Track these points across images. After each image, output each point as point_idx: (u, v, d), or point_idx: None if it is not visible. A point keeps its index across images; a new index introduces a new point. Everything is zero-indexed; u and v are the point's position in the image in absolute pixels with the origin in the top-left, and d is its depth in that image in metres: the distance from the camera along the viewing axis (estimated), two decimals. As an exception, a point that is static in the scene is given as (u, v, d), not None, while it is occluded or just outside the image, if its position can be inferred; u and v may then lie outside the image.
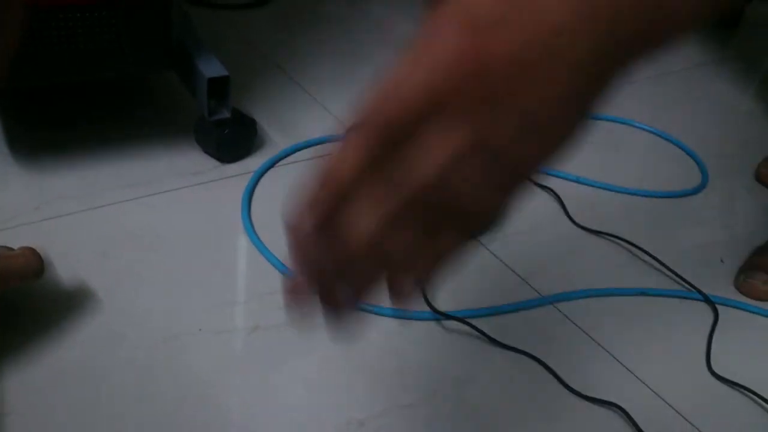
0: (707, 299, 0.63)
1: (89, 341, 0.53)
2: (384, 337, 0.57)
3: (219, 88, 0.71)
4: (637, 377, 0.56)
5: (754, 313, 0.64)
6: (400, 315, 0.59)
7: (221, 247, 0.64)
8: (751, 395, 0.55)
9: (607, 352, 0.58)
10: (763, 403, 0.55)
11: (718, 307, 0.63)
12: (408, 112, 0.26)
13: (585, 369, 0.56)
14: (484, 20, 0.25)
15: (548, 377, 0.55)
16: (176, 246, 0.63)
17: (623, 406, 0.52)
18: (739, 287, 0.66)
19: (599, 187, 0.77)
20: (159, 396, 0.50)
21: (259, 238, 0.64)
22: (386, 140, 0.26)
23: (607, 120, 0.91)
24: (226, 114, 0.72)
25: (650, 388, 0.55)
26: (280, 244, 0.64)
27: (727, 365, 0.57)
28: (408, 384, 0.53)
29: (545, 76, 0.26)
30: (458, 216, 0.28)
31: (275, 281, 0.61)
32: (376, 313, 0.58)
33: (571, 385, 0.54)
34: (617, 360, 0.57)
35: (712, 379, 0.56)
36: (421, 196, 0.27)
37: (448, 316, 0.58)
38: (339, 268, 0.29)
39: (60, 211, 0.64)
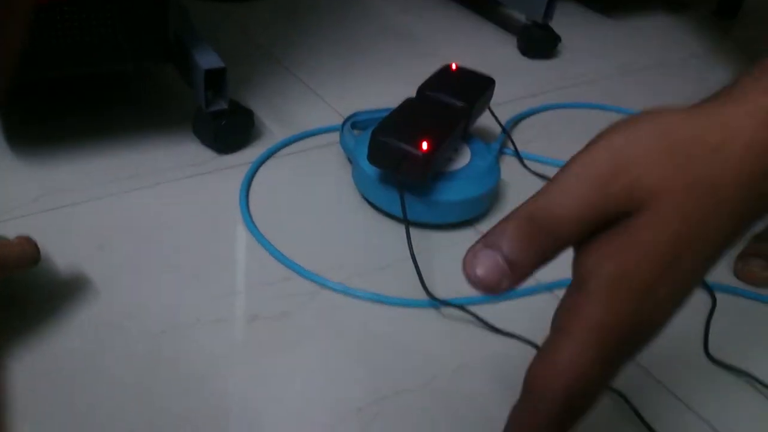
0: (705, 285, 0.63)
1: (87, 332, 0.53)
2: (383, 325, 0.57)
3: (216, 79, 0.71)
4: (635, 362, 0.56)
5: (751, 299, 0.64)
6: (398, 303, 0.59)
7: (219, 237, 0.64)
8: (748, 379, 0.55)
9: (606, 338, 0.58)
10: (761, 387, 0.55)
11: (716, 293, 0.63)
12: (585, 392, 0.29)
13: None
14: (645, 287, 0.28)
15: (547, 363, 0.55)
16: (174, 237, 0.63)
17: (622, 390, 0.53)
18: (737, 273, 0.66)
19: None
20: (158, 385, 0.50)
21: (257, 228, 0.64)
22: (570, 414, 0.30)
23: (609, 110, 0.91)
24: (223, 105, 0.72)
25: (649, 373, 0.55)
26: (277, 234, 0.65)
27: (725, 350, 0.57)
28: (406, 371, 0.53)
29: (689, 294, 0.30)
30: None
31: (273, 271, 0.61)
32: (375, 301, 0.59)
33: (570, 371, 0.54)
34: (615, 346, 0.57)
35: (710, 364, 0.57)
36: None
37: (446, 304, 0.58)
38: None
39: (58, 202, 0.64)
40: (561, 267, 0.36)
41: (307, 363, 0.53)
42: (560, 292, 0.62)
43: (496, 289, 0.29)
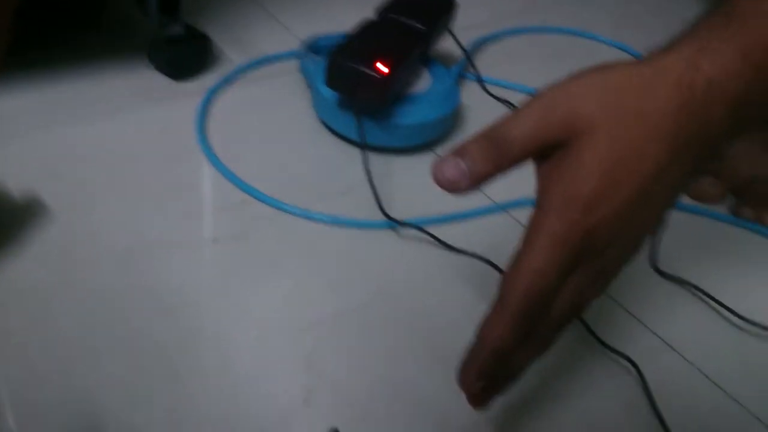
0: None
1: (46, 258, 0.53)
2: (341, 246, 0.58)
3: (170, 2, 0.69)
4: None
5: (700, 215, 0.65)
6: (356, 225, 0.59)
7: (177, 164, 0.64)
8: (695, 291, 0.57)
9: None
10: (707, 299, 0.57)
11: (668, 210, 0.64)
12: (542, 292, 0.35)
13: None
14: (587, 201, 0.33)
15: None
16: (131, 163, 0.62)
17: (572, 304, 0.54)
18: (688, 190, 0.67)
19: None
20: (121, 307, 0.50)
21: (214, 154, 0.64)
22: (529, 310, 0.35)
23: (568, 33, 0.90)
24: (178, 30, 0.71)
25: (599, 288, 0.57)
26: (236, 160, 0.65)
27: (673, 264, 0.59)
28: (364, 288, 0.54)
29: (643, 221, 0.36)
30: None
31: (232, 196, 0.61)
32: (333, 224, 0.59)
33: (523, 286, 0.55)
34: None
35: (658, 277, 0.58)
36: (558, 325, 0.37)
37: (404, 224, 0.59)
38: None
39: (10, 131, 0.63)
40: (515, 188, 0.37)
41: (266, 283, 0.54)
42: (515, 213, 0.64)
43: (456, 188, 0.35)
